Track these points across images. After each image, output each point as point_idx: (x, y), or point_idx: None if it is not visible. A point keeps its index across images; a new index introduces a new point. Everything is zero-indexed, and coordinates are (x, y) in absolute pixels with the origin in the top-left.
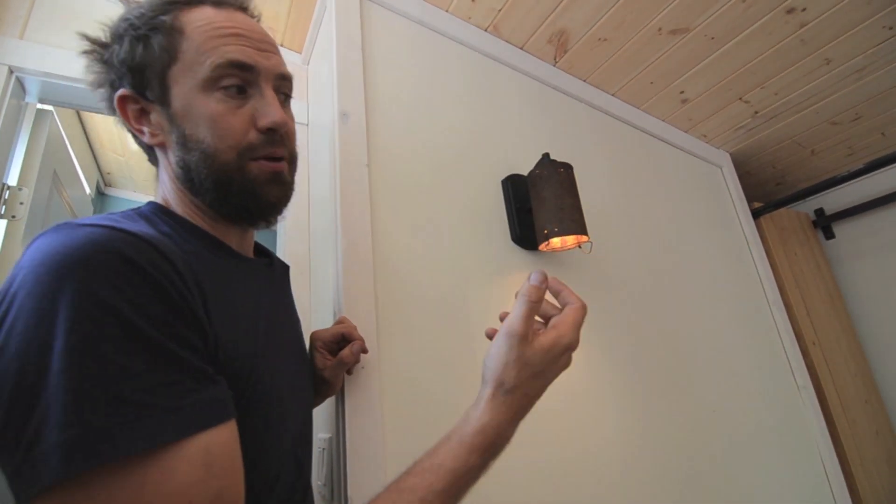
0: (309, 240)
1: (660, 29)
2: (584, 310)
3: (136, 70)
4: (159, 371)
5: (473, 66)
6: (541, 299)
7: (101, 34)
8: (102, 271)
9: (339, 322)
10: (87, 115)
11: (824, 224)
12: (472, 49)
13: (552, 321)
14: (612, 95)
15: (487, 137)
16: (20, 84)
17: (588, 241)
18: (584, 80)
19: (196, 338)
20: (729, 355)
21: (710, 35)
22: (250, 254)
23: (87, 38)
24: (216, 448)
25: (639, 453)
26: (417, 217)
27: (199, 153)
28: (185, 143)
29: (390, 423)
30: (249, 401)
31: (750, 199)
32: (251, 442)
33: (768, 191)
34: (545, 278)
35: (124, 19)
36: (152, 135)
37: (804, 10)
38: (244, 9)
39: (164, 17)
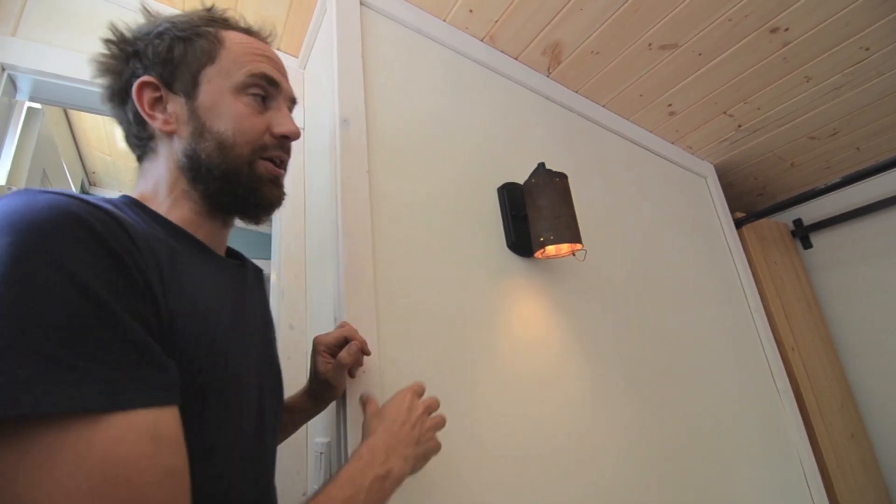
0: (305, 243)
1: (650, 44)
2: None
3: (170, 63)
4: (104, 336)
5: (470, 75)
6: None
7: (117, 32)
8: (57, 232)
9: (341, 326)
10: (74, 114)
11: (802, 234)
12: (469, 58)
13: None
14: (603, 107)
15: (484, 145)
16: (12, 82)
17: (582, 249)
18: (576, 92)
19: (148, 311)
20: (713, 360)
21: (697, 51)
22: (221, 252)
23: (114, 30)
24: (164, 426)
25: (623, 455)
26: (416, 223)
27: (216, 143)
28: (201, 133)
29: None
30: (204, 386)
31: (732, 210)
32: (207, 428)
33: (749, 201)
34: None
35: (169, 22)
36: (165, 122)
37: (787, 29)
38: (266, 41)
39: (208, 29)
